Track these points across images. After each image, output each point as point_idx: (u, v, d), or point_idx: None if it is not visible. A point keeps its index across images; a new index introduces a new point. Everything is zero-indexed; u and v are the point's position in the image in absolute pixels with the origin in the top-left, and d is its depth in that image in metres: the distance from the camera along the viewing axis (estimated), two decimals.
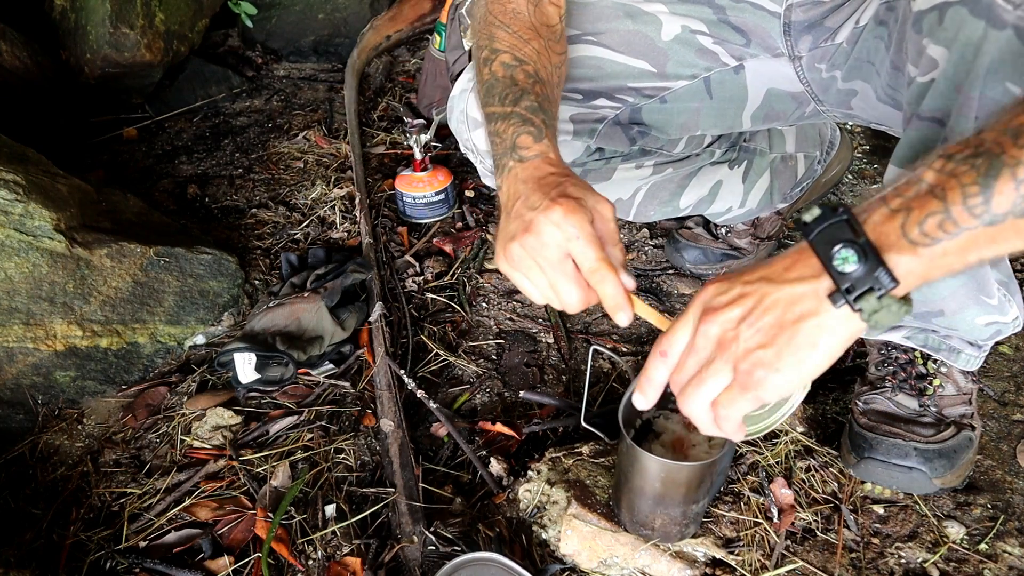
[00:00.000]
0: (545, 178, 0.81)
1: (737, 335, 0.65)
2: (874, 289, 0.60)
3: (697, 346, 0.68)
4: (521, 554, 1.07)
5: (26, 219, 1.30)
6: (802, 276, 0.63)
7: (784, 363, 0.63)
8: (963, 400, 1.14)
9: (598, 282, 0.76)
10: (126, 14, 2.02)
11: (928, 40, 0.76)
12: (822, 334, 0.63)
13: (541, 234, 0.76)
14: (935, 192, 0.58)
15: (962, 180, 0.57)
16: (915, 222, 0.58)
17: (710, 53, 1.11)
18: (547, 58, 0.96)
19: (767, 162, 1.43)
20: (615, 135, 1.19)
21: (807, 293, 0.63)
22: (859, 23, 0.98)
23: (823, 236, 0.62)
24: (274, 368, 1.36)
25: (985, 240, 0.57)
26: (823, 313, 0.62)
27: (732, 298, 0.66)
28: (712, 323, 0.67)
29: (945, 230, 0.57)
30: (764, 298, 0.64)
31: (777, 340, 0.63)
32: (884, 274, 0.59)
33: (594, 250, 0.75)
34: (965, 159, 0.57)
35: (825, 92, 1.11)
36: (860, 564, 1.05)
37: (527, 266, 0.79)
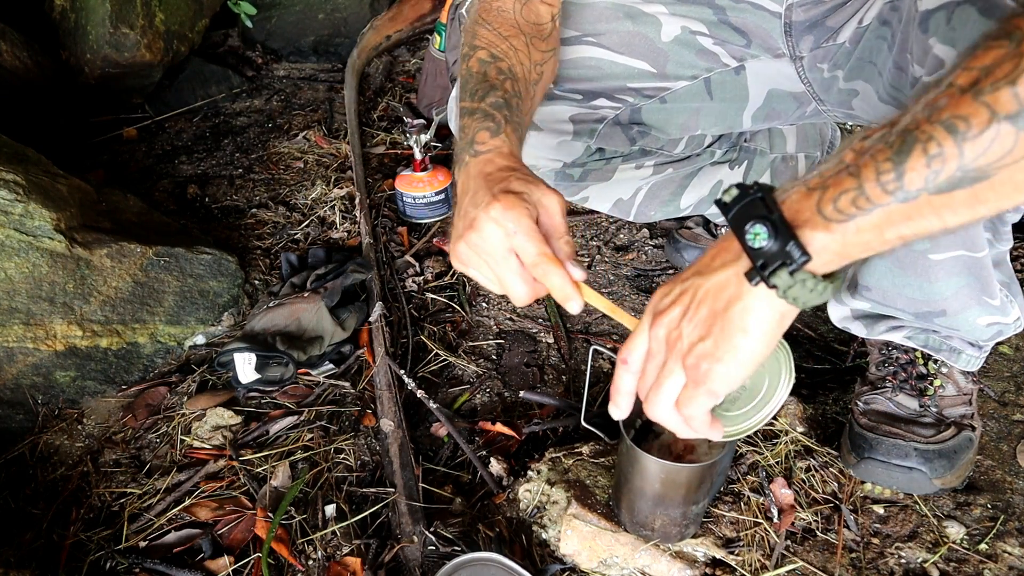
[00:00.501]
0: (492, 173, 0.81)
1: (680, 333, 0.67)
2: (786, 264, 0.60)
3: (652, 351, 0.70)
4: (521, 554, 1.07)
5: (26, 219, 1.30)
6: (724, 262, 0.65)
7: (721, 351, 0.65)
8: (963, 400, 1.14)
9: (542, 275, 0.77)
10: (126, 14, 2.02)
11: (935, 40, 0.75)
12: (748, 316, 0.64)
13: (482, 231, 0.77)
14: (850, 170, 0.58)
15: (876, 158, 0.57)
16: (829, 199, 0.59)
17: (710, 54, 1.11)
18: (526, 55, 0.97)
19: (768, 162, 1.43)
20: (615, 135, 1.19)
21: (730, 277, 0.64)
22: (862, 23, 0.98)
23: (738, 214, 0.63)
24: (274, 368, 1.36)
25: (900, 217, 0.57)
26: (745, 295, 0.63)
27: (673, 298, 0.68)
28: (659, 326, 0.69)
29: (859, 207, 0.57)
30: (697, 291, 0.66)
31: (712, 330, 0.65)
32: (795, 248, 0.59)
33: (534, 244, 0.76)
34: (881, 138, 0.57)
35: (827, 92, 1.11)
36: (860, 564, 1.05)
37: (475, 263, 0.80)
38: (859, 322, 1.14)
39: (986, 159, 0.53)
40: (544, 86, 1.04)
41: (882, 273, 1.03)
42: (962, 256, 0.96)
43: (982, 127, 0.52)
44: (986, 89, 0.52)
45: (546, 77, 1.03)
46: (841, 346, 1.42)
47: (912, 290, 1.01)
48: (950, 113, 0.53)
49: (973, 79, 0.53)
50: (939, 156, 0.54)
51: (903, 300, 1.03)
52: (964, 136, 0.53)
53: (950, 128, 0.53)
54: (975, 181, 0.54)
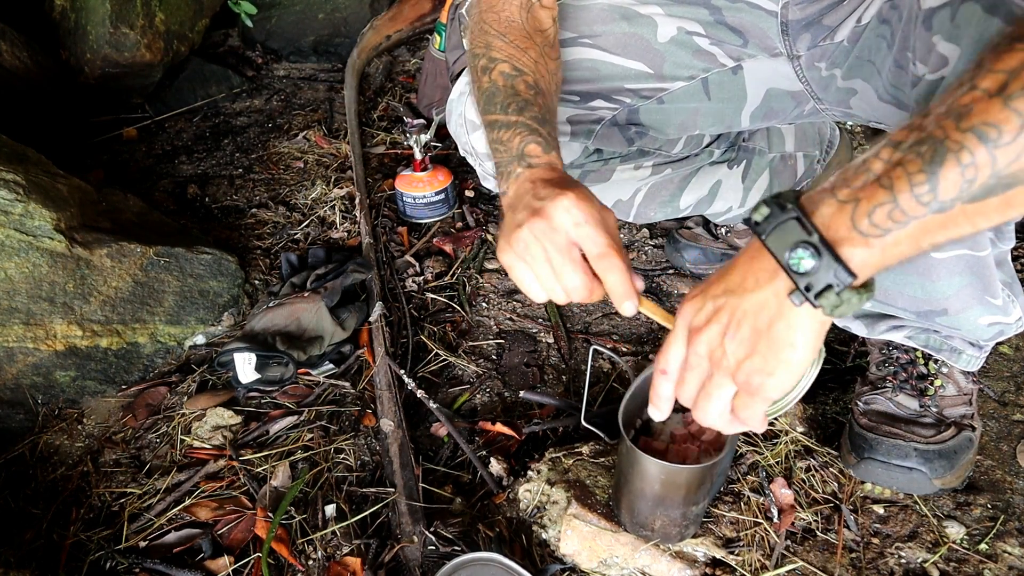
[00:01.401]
0: (551, 179, 0.82)
1: (724, 351, 0.67)
2: (832, 286, 0.60)
3: (692, 364, 0.71)
4: (521, 554, 1.07)
5: (26, 219, 1.30)
6: (759, 282, 0.65)
7: (772, 366, 0.65)
8: (964, 401, 1.14)
9: (606, 269, 0.76)
10: (126, 14, 2.02)
11: (939, 37, 0.75)
12: (794, 332, 0.64)
13: (551, 218, 0.76)
14: (882, 182, 0.57)
15: (908, 169, 0.56)
16: (864, 213, 0.58)
17: (707, 54, 1.11)
18: (544, 66, 0.97)
19: (766, 162, 1.43)
20: (613, 136, 1.19)
21: (768, 297, 0.64)
22: (861, 21, 0.98)
23: (775, 237, 0.62)
24: (274, 368, 1.36)
25: (936, 227, 0.57)
26: (787, 314, 0.64)
27: (708, 316, 0.68)
28: (699, 343, 0.69)
29: (895, 220, 0.57)
30: (735, 311, 0.66)
31: (759, 348, 0.65)
32: (842, 270, 0.60)
33: (604, 236, 0.76)
34: (911, 147, 0.57)
35: (824, 91, 1.11)
36: (860, 564, 1.05)
37: (533, 253, 0.78)
38: (860, 321, 1.14)
39: (1019, 164, 0.53)
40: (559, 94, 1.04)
41: (883, 273, 1.03)
42: (965, 255, 0.96)
43: (1014, 133, 0.52)
44: (1015, 94, 0.51)
45: (559, 85, 1.04)
46: (841, 346, 1.42)
47: (914, 289, 1.01)
48: (980, 120, 0.53)
49: (1001, 83, 0.52)
50: (972, 165, 0.54)
51: (904, 299, 1.03)
52: (996, 143, 0.53)
53: (981, 136, 0.53)
54: (1009, 187, 0.54)
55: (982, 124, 0.53)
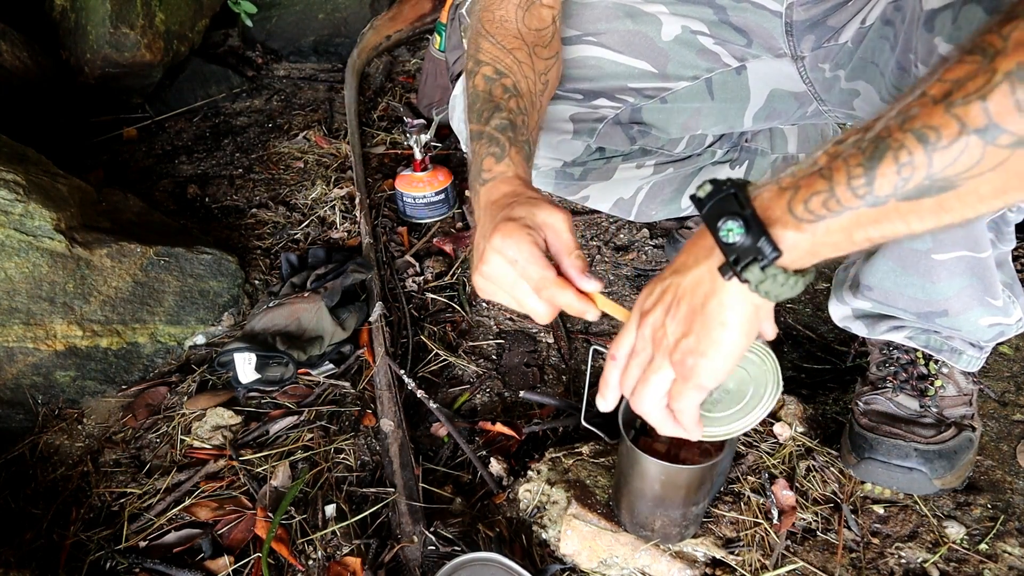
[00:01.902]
0: (497, 201, 0.83)
1: (664, 331, 0.69)
2: (757, 259, 0.62)
3: (636, 348, 0.72)
4: (521, 554, 1.07)
5: (26, 219, 1.30)
6: (698, 259, 0.67)
7: (704, 345, 0.67)
8: (964, 401, 1.14)
9: (549, 299, 0.79)
10: (126, 14, 2.02)
11: (940, 39, 0.75)
12: (724, 310, 0.66)
13: (489, 263, 0.79)
14: (823, 172, 0.60)
15: (848, 162, 0.58)
16: (801, 199, 0.60)
17: (711, 54, 1.10)
18: (530, 67, 0.98)
19: (769, 162, 1.43)
20: (615, 134, 1.19)
21: (703, 274, 0.66)
22: (865, 22, 0.98)
23: (712, 209, 0.64)
24: (274, 368, 1.36)
25: (869, 220, 0.59)
26: (719, 290, 0.65)
27: (656, 297, 0.71)
28: (645, 325, 0.71)
29: (829, 208, 0.59)
30: (677, 289, 0.68)
31: (693, 326, 0.67)
32: (767, 244, 0.61)
33: (536, 270, 0.78)
34: (855, 143, 0.59)
35: (828, 92, 1.11)
36: (860, 564, 1.05)
37: (493, 292, 0.82)
38: (860, 322, 1.14)
39: (954, 169, 0.54)
40: (551, 93, 1.04)
41: (884, 273, 1.03)
42: (965, 256, 0.96)
43: (952, 138, 0.53)
44: (957, 102, 0.53)
45: (552, 83, 1.04)
46: (841, 346, 1.42)
47: (914, 290, 1.01)
48: (922, 123, 0.55)
49: (945, 91, 0.54)
50: (909, 164, 0.55)
51: (905, 300, 1.03)
52: (934, 146, 0.54)
53: (921, 137, 0.55)
54: (942, 191, 0.55)
55: (923, 127, 0.55)
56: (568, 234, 0.80)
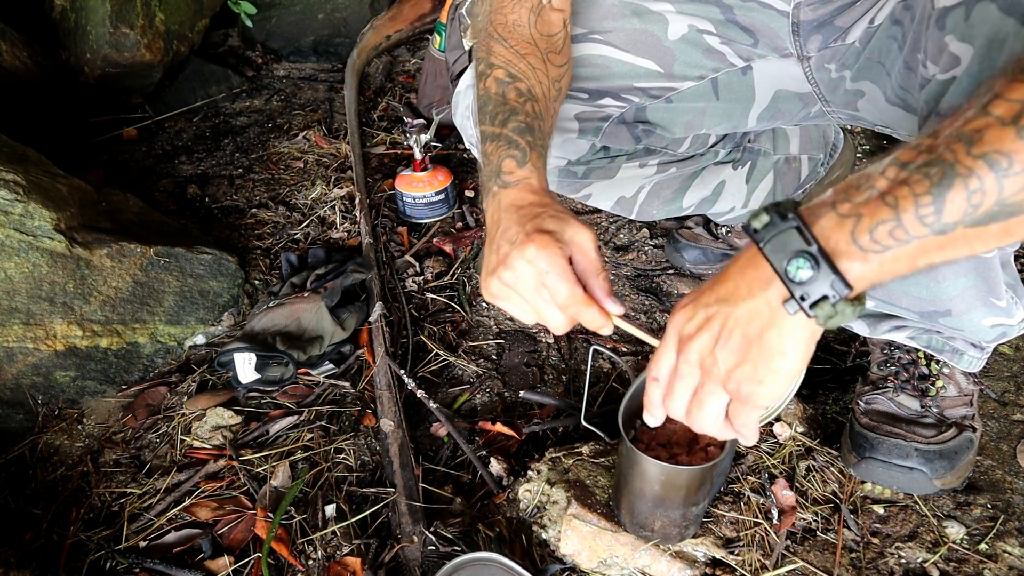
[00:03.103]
0: (524, 208, 0.83)
1: (715, 359, 0.68)
2: (828, 297, 0.61)
3: (683, 373, 0.71)
4: (521, 554, 1.06)
5: (26, 219, 1.30)
6: (752, 290, 0.65)
7: (762, 374, 0.66)
8: (965, 401, 1.14)
9: (574, 315, 0.79)
10: (126, 14, 2.02)
11: (951, 37, 0.75)
12: (785, 341, 0.64)
13: (515, 270, 0.79)
14: (886, 200, 0.58)
15: (915, 189, 0.57)
16: (865, 229, 0.59)
17: (717, 53, 1.10)
18: (543, 72, 0.97)
19: (771, 163, 1.43)
20: (620, 133, 1.19)
21: (761, 306, 0.64)
22: (873, 22, 0.98)
23: (774, 244, 0.62)
24: (274, 368, 1.36)
25: (934, 248, 0.58)
26: (780, 322, 0.64)
27: (699, 324, 0.69)
28: (690, 352, 0.70)
29: (896, 238, 0.58)
30: (727, 320, 0.66)
31: (749, 356, 0.66)
32: (839, 282, 0.60)
33: (566, 286, 0.77)
34: (919, 168, 0.57)
35: (833, 93, 1.11)
36: (860, 564, 1.05)
37: (509, 297, 0.81)
38: (862, 321, 1.14)
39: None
40: (562, 99, 1.04)
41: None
42: (970, 256, 0.96)
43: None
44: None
45: (564, 91, 1.03)
46: (841, 346, 1.42)
47: (919, 289, 1.01)
48: (992, 148, 0.54)
49: (1015, 113, 0.53)
50: (980, 191, 0.55)
51: (908, 299, 1.03)
52: (1006, 172, 0.54)
53: (992, 164, 0.54)
54: (1011, 215, 0.55)
55: (994, 152, 0.54)
56: (595, 254, 0.80)
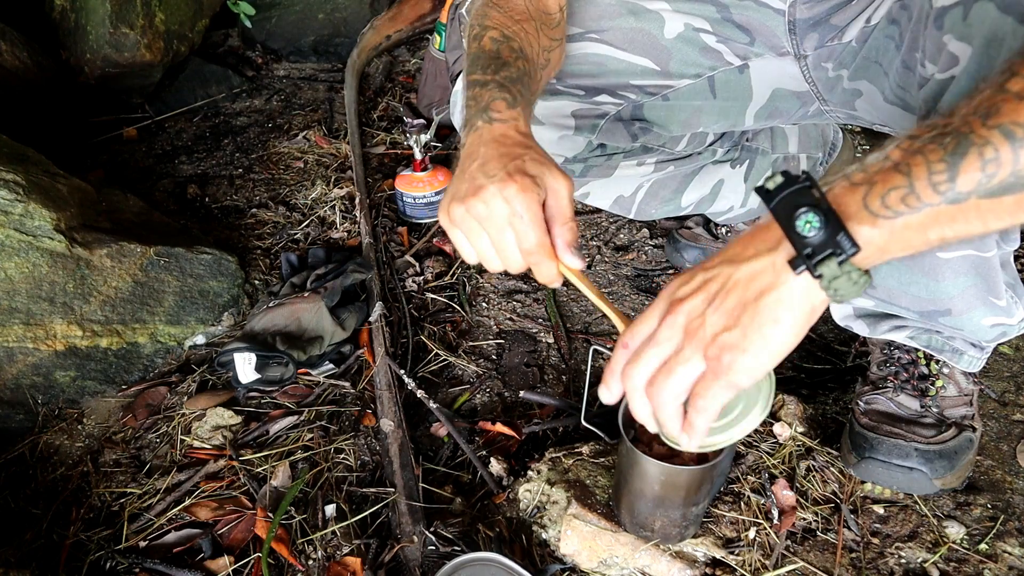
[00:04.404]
0: (508, 145, 0.81)
1: (703, 321, 0.65)
2: (835, 254, 0.59)
3: (659, 337, 0.67)
4: (521, 554, 1.06)
5: (26, 219, 1.30)
6: (759, 251, 0.63)
7: (750, 342, 0.63)
8: (964, 401, 1.14)
9: (533, 263, 0.79)
10: (126, 14, 2.02)
11: (950, 36, 0.75)
12: (781, 307, 0.62)
13: (488, 204, 0.77)
14: (899, 168, 0.58)
15: (928, 157, 0.57)
16: (877, 194, 0.59)
17: (714, 52, 1.10)
18: (535, 39, 0.97)
19: (769, 162, 1.43)
20: (617, 131, 1.19)
21: (765, 267, 0.63)
22: (870, 21, 0.98)
23: (785, 201, 0.62)
24: (274, 368, 1.36)
25: (946, 218, 0.58)
26: (781, 285, 0.62)
27: (696, 286, 0.66)
28: (678, 313, 0.66)
29: (908, 204, 0.58)
30: (727, 280, 0.64)
31: (741, 319, 0.63)
32: (845, 238, 0.59)
33: (535, 234, 0.77)
34: (933, 138, 0.57)
35: (830, 92, 1.11)
36: (860, 564, 1.05)
37: (468, 227, 0.80)
38: (862, 321, 1.14)
39: None
40: (549, 74, 1.04)
41: (888, 271, 1.02)
42: (970, 256, 0.96)
43: None
44: None
45: (552, 65, 1.03)
46: (841, 346, 1.42)
47: (918, 288, 1.01)
48: (1008, 119, 0.54)
49: None
50: (995, 161, 0.55)
51: (908, 298, 1.03)
52: (1022, 142, 0.54)
53: (1008, 134, 0.54)
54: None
55: (1010, 123, 0.54)
56: (567, 202, 0.79)
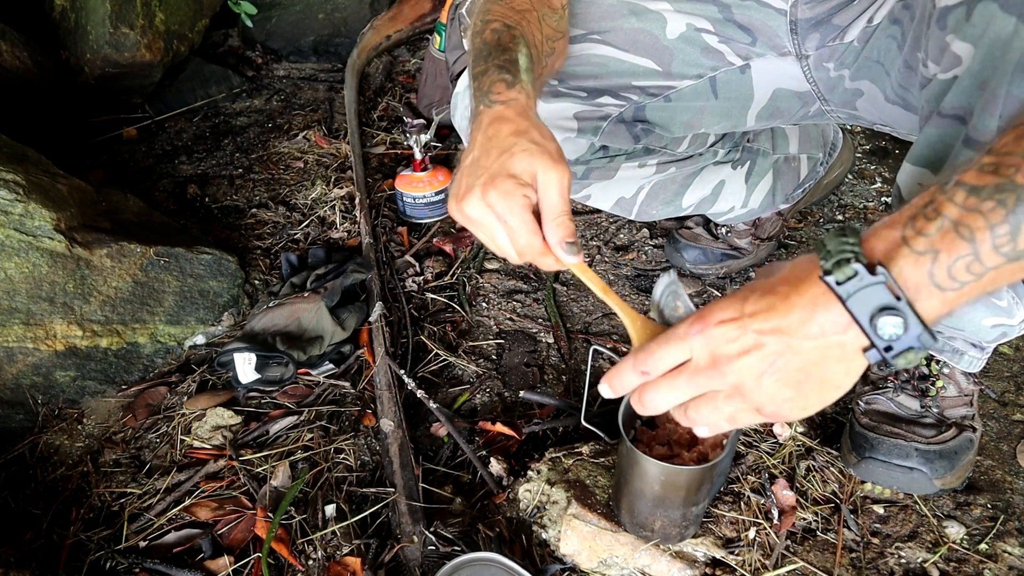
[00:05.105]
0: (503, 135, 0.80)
1: (759, 386, 0.63)
2: (914, 348, 0.59)
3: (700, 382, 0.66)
4: (521, 554, 1.06)
5: (26, 219, 1.30)
6: (825, 331, 0.60)
7: (809, 403, 0.64)
8: (965, 402, 1.14)
9: (530, 260, 0.79)
10: (126, 14, 2.02)
11: (953, 36, 0.75)
12: (848, 377, 0.62)
13: (475, 208, 0.78)
14: (961, 232, 0.56)
15: (990, 219, 0.55)
16: (944, 267, 0.56)
17: (716, 52, 1.10)
18: (538, 28, 0.96)
19: (770, 163, 1.43)
20: (619, 133, 1.19)
21: (832, 348, 0.61)
22: (872, 21, 0.98)
23: (861, 298, 0.59)
24: (274, 368, 1.36)
25: (1007, 275, 0.57)
26: (851, 362, 0.61)
27: (745, 348, 0.63)
28: (728, 372, 0.64)
29: (972, 272, 0.56)
30: (786, 352, 0.62)
31: (802, 387, 0.63)
32: (926, 335, 0.58)
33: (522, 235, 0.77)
34: (991, 194, 0.55)
35: (831, 92, 1.11)
36: (860, 564, 1.05)
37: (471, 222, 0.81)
38: None
39: None
40: (554, 63, 1.03)
41: None
42: None
43: None
44: None
45: (557, 54, 1.02)
46: None
47: None
48: None
49: None
50: None
51: None
52: None
53: None
54: None
55: None
56: (557, 196, 0.77)
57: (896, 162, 1.91)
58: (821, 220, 1.76)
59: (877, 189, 1.84)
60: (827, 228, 1.74)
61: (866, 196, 1.82)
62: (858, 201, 1.80)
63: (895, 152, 1.96)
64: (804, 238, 1.71)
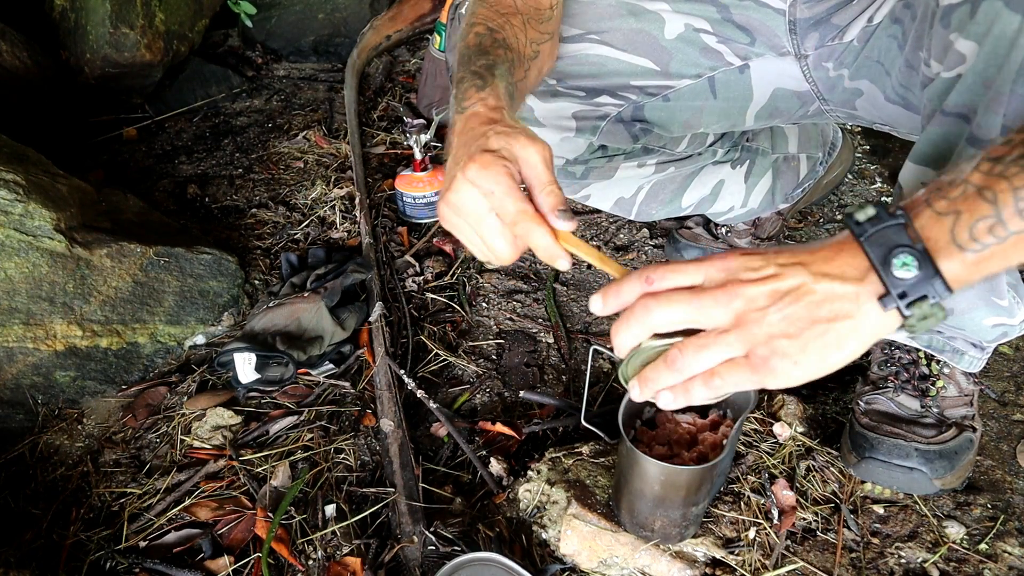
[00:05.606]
0: (473, 128, 0.79)
1: (762, 318, 0.62)
2: (928, 296, 0.59)
3: (703, 303, 0.64)
4: (521, 554, 1.06)
5: (26, 219, 1.30)
6: (844, 274, 0.61)
7: (806, 357, 0.61)
8: (965, 402, 1.14)
9: (523, 234, 0.74)
10: (126, 14, 2.02)
11: (957, 35, 0.75)
12: (853, 336, 0.61)
13: (460, 192, 0.75)
14: (984, 195, 0.56)
15: (1014, 182, 0.55)
16: (965, 225, 0.57)
17: (714, 52, 1.10)
18: (522, 31, 0.95)
19: (769, 162, 1.43)
20: (618, 132, 1.19)
21: (848, 293, 0.61)
22: (872, 21, 0.98)
23: (878, 238, 0.60)
24: (274, 368, 1.36)
25: None
26: (860, 316, 0.61)
27: (764, 276, 0.63)
28: (737, 296, 0.63)
29: (995, 234, 0.56)
30: (802, 286, 0.61)
31: (805, 334, 0.61)
32: (940, 282, 0.58)
33: (513, 203, 0.73)
34: (1015, 160, 0.56)
35: (831, 91, 1.11)
36: (860, 564, 1.05)
37: (456, 224, 0.78)
38: None
39: None
40: (541, 66, 1.02)
41: None
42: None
43: None
44: None
45: (543, 57, 1.01)
46: None
47: None
48: None
49: None
50: None
51: None
52: None
53: None
54: None
55: None
56: (542, 167, 0.75)
57: (896, 161, 1.91)
58: (821, 220, 1.76)
59: (877, 189, 1.85)
60: (827, 228, 1.74)
61: (866, 196, 1.82)
62: (858, 201, 1.80)
63: (895, 151, 1.96)
64: (804, 238, 1.71)
